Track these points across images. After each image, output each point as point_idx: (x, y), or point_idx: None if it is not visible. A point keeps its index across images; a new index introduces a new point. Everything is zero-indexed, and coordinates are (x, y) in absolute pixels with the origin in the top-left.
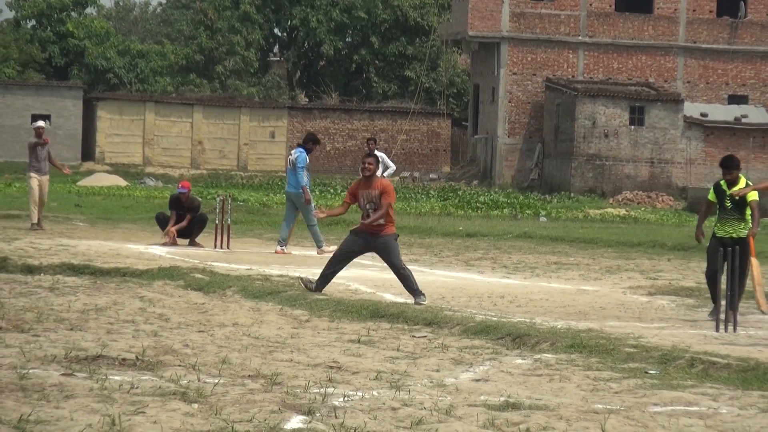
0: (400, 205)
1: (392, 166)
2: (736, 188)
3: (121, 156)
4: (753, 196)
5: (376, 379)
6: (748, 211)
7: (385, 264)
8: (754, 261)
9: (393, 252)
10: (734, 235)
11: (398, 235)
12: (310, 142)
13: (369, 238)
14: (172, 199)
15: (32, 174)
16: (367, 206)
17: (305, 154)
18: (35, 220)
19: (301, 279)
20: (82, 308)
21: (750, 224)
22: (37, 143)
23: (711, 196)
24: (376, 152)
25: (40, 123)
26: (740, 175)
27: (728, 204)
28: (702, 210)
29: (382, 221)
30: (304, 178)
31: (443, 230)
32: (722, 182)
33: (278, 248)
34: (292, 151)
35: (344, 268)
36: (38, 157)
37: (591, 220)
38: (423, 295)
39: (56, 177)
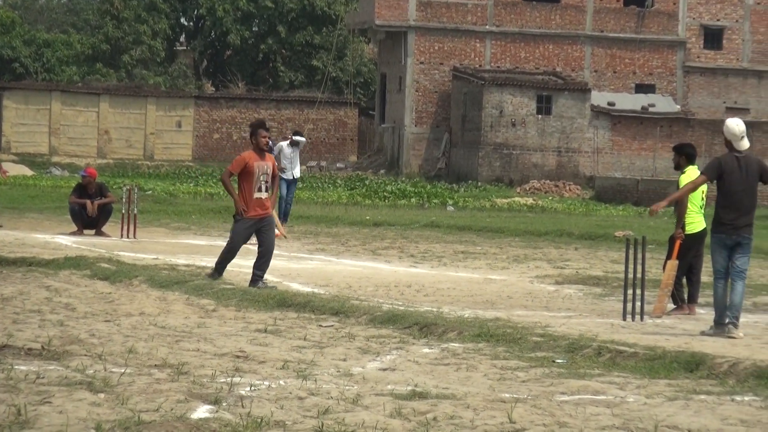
0: (307, 194)
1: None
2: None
3: (27, 145)
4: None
5: (283, 368)
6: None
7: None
8: (669, 263)
9: (273, 231)
10: None
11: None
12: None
13: (260, 219)
14: (79, 187)
15: None
16: (262, 178)
17: None
18: None
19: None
20: None
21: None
22: None
23: None
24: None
25: None
26: (687, 162)
27: None
28: None
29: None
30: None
31: (350, 219)
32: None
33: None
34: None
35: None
36: None
37: (498, 209)
38: (264, 280)
39: None
